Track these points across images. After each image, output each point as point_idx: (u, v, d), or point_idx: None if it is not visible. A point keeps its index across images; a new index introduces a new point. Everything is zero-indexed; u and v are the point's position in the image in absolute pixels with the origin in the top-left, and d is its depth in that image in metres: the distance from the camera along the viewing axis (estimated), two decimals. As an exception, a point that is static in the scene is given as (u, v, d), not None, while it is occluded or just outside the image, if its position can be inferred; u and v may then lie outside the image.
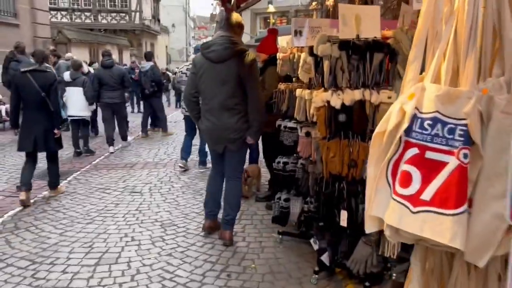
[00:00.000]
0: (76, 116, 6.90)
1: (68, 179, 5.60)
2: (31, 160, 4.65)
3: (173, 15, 38.30)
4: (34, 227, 3.90)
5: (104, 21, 25.58)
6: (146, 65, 8.96)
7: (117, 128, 7.80)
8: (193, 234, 3.81)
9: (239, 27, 3.55)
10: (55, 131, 4.61)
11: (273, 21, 16.17)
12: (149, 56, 9.23)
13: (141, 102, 12.91)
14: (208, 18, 69.07)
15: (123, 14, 25.88)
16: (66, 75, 6.87)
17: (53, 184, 4.89)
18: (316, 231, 3.13)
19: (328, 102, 2.65)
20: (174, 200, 4.80)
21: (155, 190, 5.17)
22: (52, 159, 4.83)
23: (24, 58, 7.63)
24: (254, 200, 4.78)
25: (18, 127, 4.68)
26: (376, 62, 2.63)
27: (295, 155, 3.58)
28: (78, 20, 24.87)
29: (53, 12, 25.46)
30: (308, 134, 3.31)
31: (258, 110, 3.40)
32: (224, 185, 3.74)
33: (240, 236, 3.79)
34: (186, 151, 6.21)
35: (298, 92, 3.33)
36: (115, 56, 22.33)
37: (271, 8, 15.88)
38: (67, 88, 6.87)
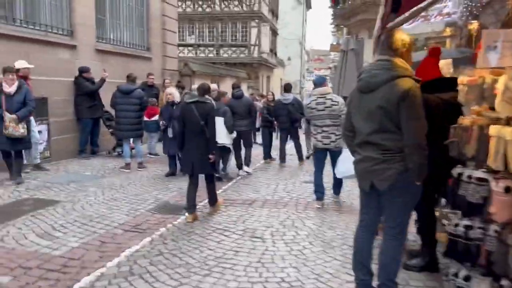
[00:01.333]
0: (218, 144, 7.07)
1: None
2: (193, 182, 5.12)
3: (289, 48, 38.94)
4: (148, 273, 3.47)
5: (225, 55, 26.86)
6: (289, 96, 8.93)
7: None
8: (331, 308, 2.99)
9: (403, 47, 2.79)
10: (210, 156, 5.00)
11: (399, 49, 14.95)
12: (289, 88, 9.28)
13: (256, 133, 12.81)
14: (322, 51, 69.40)
15: (243, 48, 26.88)
16: None
17: (213, 201, 5.36)
18: None
19: None
20: (301, 253, 4.04)
21: (277, 237, 4.49)
22: (210, 181, 5.30)
23: (128, 86, 7.88)
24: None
25: (182, 151, 5.20)
26: None
27: (481, 216, 2.58)
28: (202, 55, 26.51)
29: (180, 48, 27.59)
30: (508, 190, 2.31)
31: (416, 146, 2.57)
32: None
33: (394, 317, 2.86)
34: (320, 191, 5.78)
35: (493, 129, 2.38)
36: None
37: (397, 36, 14.73)
38: None
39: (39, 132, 7.86)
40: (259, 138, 11.53)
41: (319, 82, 5.81)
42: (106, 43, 10.13)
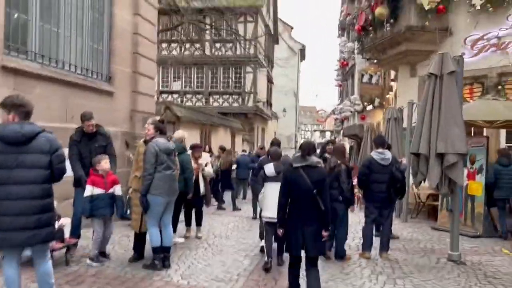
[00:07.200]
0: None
1: None
2: (298, 265, 4.19)
3: (283, 100, 35.54)
4: None
5: (215, 104, 22.97)
6: (388, 155, 6.12)
7: None
8: None
9: None
10: (324, 233, 4.04)
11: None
12: (383, 142, 6.41)
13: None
14: (309, 107, 66.73)
15: (236, 97, 23.12)
16: (270, 168, 5.29)
17: None
18: None
19: None
20: None
21: None
22: (315, 264, 4.09)
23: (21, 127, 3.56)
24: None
25: (285, 227, 4.16)
26: None
27: None
28: (188, 103, 22.57)
29: (164, 95, 23.69)
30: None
31: None
32: None
33: None
34: None
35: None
36: (228, 140, 18.92)
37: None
38: (268, 184, 5.26)
39: None
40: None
41: None
42: (28, 60, 5.88)
